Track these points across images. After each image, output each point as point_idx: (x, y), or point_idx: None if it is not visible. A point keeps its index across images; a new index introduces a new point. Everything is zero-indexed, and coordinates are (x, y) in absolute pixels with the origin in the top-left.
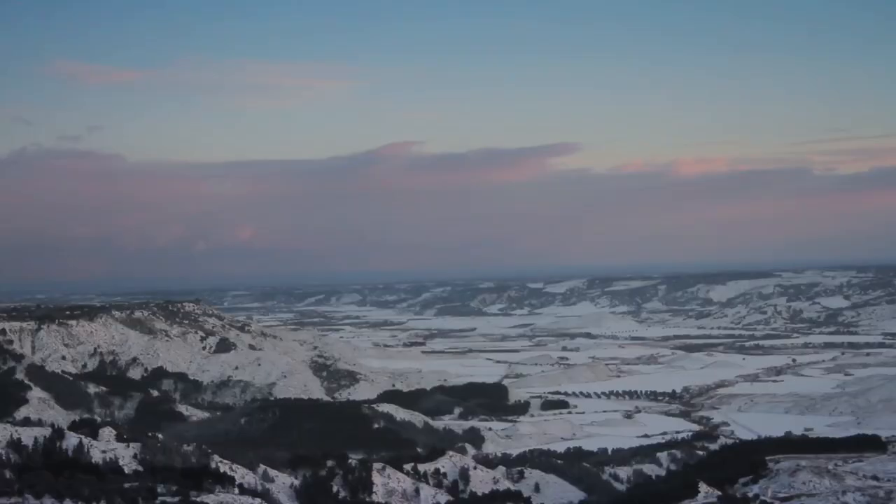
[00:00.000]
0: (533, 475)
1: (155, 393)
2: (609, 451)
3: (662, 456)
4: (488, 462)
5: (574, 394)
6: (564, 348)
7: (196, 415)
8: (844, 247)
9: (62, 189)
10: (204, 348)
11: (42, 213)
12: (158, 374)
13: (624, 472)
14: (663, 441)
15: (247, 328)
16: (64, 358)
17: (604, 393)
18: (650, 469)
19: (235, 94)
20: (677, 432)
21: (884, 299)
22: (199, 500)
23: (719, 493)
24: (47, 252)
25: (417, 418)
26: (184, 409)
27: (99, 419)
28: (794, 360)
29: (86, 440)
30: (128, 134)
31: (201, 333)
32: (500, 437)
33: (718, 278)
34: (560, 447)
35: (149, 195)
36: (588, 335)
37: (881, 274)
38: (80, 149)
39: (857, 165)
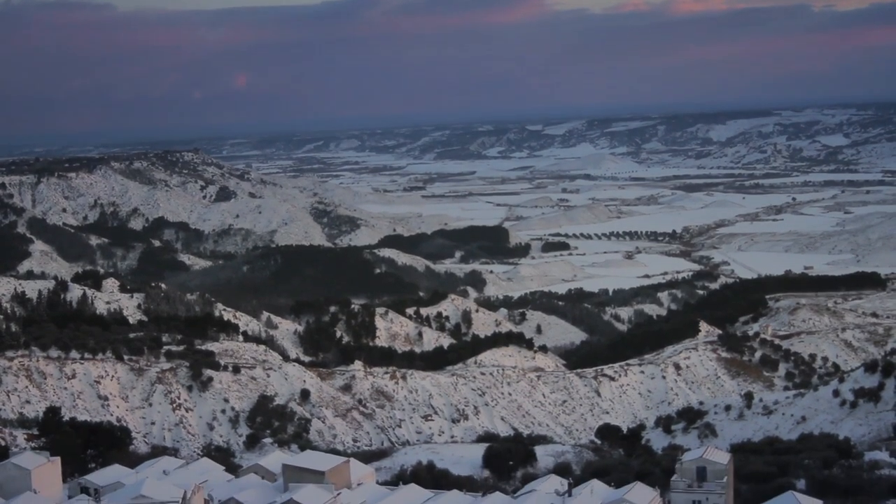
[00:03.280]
0: (535, 317)
1: (156, 243)
2: (610, 292)
3: (663, 296)
4: (490, 304)
5: (574, 235)
6: (564, 190)
7: (198, 264)
8: (844, 84)
9: (54, 40)
10: (204, 197)
11: (35, 66)
12: (159, 224)
13: (625, 312)
14: (664, 281)
15: (246, 176)
16: (65, 210)
17: (604, 234)
18: (651, 309)
19: None
20: (678, 272)
21: (884, 137)
22: (203, 348)
23: (720, 331)
24: (43, 105)
25: (419, 262)
26: (186, 258)
27: (102, 270)
28: (793, 199)
29: (89, 292)
30: None
31: (201, 182)
32: (501, 279)
33: (718, 118)
34: (561, 289)
35: (142, 44)
36: (587, 177)
37: (881, 111)
38: None
39: (856, 1)
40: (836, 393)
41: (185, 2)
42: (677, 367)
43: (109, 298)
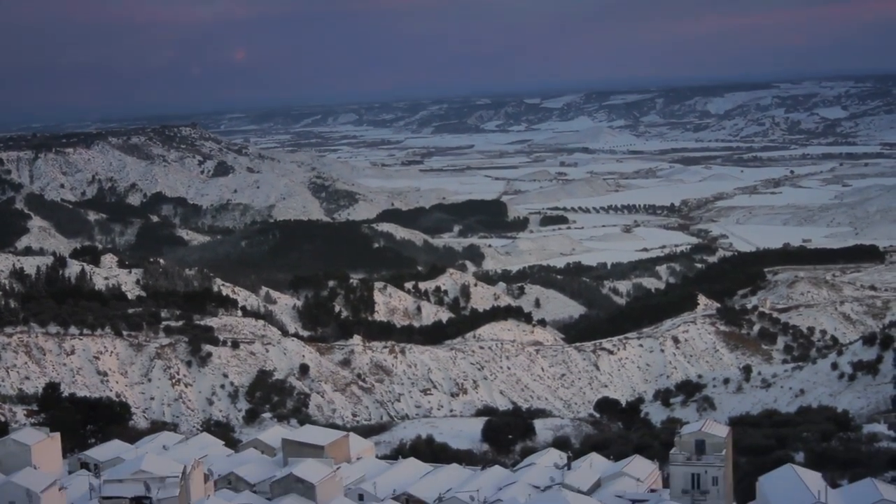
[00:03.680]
0: (533, 291)
1: (155, 218)
2: (608, 266)
3: (661, 269)
4: (488, 279)
5: (573, 209)
6: (562, 163)
7: (196, 239)
8: (843, 57)
9: (52, 13)
10: (202, 172)
11: (32, 39)
12: (157, 199)
13: (623, 285)
14: (662, 254)
15: (244, 151)
16: (62, 186)
17: (602, 207)
18: (649, 282)
19: None
20: (676, 245)
21: (882, 109)
22: (202, 323)
23: (718, 304)
24: (40, 79)
25: (417, 237)
26: (184, 233)
27: (100, 246)
28: (791, 172)
29: (88, 267)
30: None
31: (199, 157)
32: (499, 253)
33: (716, 90)
34: (559, 262)
35: (140, 18)
36: (586, 150)
37: (880, 83)
38: None
39: None
40: (834, 366)
41: None
42: (676, 340)
43: (108, 274)
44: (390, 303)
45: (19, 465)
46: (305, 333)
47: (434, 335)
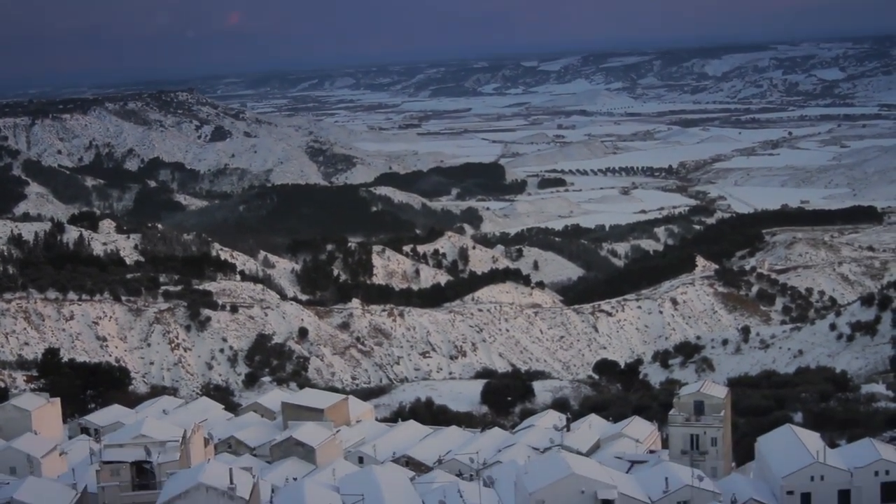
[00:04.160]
0: (531, 253)
1: (152, 184)
2: (607, 228)
3: (660, 231)
4: (487, 241)
5: (571, 171)
6: (560, 126)
7: (194, 204)
8: (840, 17)
9: None
10: (199, 137)
11: (26, 5)
12: (155, 164)
13: (622, 247)
14: (660, 216)
15: (241, 115)
16: (60, 152)
17: (600, 170)
18: (648, 244)
19: None
20: (674, 207)
21: (880, 70)
22: (201, 287)
23: (717, 266)
24: (36, 45)
25: (415, 200)
26: (182, 198)
27: (98, 212)
28: (789, 133)
29: (86, 233)
30: None
31: (196, 122)
32: (497, 216)
33: (713, 52)
34: (558, 225)
35: None
36: (583, 112)
37: (877, 44)
38: None
39: None
40: (832, 326)
41: None
42: (674, 301)
43: (106, 240)
44: (389, 266)
45: (20, 430)
46: (304, 297)
47: (433, 298)
